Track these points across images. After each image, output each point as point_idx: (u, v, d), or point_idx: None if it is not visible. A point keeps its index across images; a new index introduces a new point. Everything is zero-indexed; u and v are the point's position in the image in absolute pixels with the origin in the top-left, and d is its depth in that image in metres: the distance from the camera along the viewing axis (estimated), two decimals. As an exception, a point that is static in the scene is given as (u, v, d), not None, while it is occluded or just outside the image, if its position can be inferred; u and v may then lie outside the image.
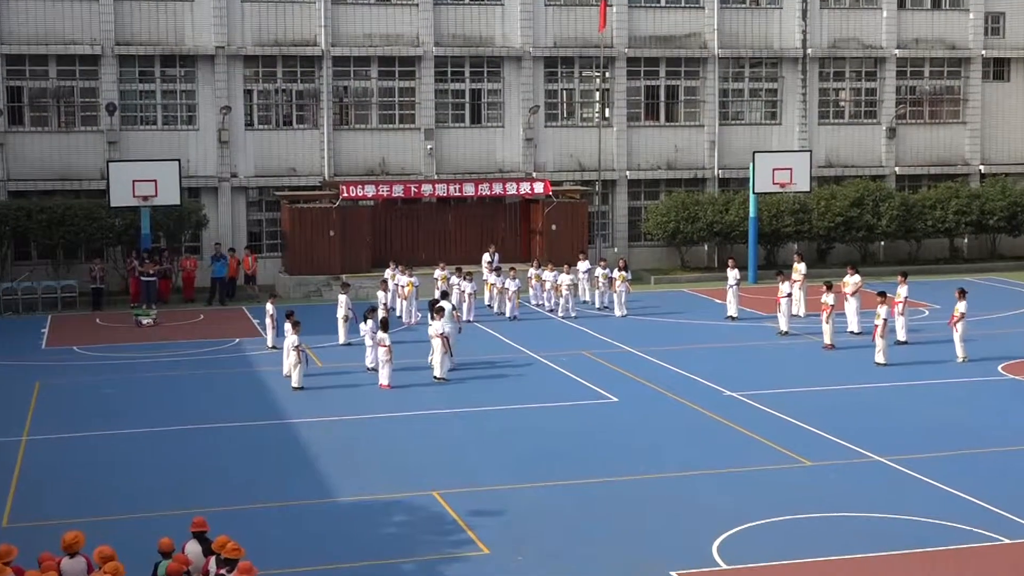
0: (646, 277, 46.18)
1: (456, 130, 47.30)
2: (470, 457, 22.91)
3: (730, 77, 49.57)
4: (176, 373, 30.72)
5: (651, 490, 20.74)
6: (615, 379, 29.39)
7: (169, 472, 22.10)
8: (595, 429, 24.90)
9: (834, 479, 21.32)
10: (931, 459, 22.36)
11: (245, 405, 27.18)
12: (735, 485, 20.94)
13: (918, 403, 26.95)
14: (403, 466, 22.33)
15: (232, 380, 29.88)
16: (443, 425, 25.38)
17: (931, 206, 48.44)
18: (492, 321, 37.60)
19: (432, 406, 26.92)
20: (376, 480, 21.43)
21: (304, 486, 21.16)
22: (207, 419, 25.91)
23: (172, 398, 27.99)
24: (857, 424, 24.86)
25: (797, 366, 30.92)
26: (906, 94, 51.43)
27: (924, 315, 37.58)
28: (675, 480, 21.31)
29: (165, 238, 43.57)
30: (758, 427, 24.69)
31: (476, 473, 21.81)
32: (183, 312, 40.17)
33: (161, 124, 45.05)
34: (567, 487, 20.94)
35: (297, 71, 45.96)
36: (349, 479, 21.51)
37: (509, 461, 22.59)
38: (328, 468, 22.19)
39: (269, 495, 20.65)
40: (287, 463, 22.66)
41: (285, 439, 24.31)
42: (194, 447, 23.83)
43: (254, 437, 24.58)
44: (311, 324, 33.40)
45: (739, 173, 48.75)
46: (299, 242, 43.14)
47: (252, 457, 23.11)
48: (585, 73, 48.70)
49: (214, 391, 28.70)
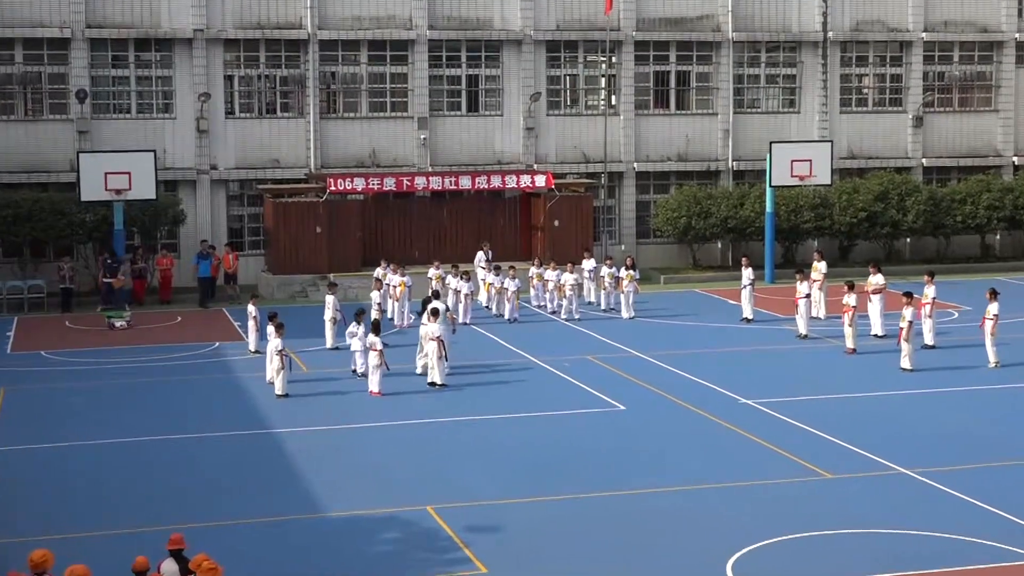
0: (655, 276, 46.20)
1: (452, 119, 47.32)
2: (466, 469, 22.91)
3: (745, 62, 49.58)
4: (151, 380, 30.71)
5: (660, 505, 20.74)
6: (622, 386, 29.39)
7: (144, 486, 22.09)
8: (600, 439, 24.91)
9: (857, 493, 21.32)
10: (962, 471, 22.36)
11: (225, 414, 27.18)
12: (750, 499, 20.95)
13: (947, 412, 26.95)
14: (395, 479, 22.33)
15: (211, 387, 29.87)
16: (437, 435, 25.38)
17: (961, 200, 48.47)
18: (490, 323, 37.61)
19: (425, 415, 26.92)
20: (366, 494, 21.43)
21: (289, 500, 21.16)
22: (185, 429, 25.91)
23: (147, 406, 27.98)
24: (881, 434, 24.87)
25: (817, 372, 30.93)
26: (934, 80, 51.45)
27: (953, 317, 37.60)
28: (686, 494, 21.31)
29: (139, 235, 43.59)
30: (775, 437, 24.70)
31: (473, 487, 21.81)
32: (159, 314, 40.17)
33: (135, 112, 45.05)
34: (570, 501, 20.95)
35: (281, 56, 45.97)
36: (337, 493, 21.50)
37: (508, 474, 22.59)
38: (314, 481, 22.18)
39: (251, 510, 20.65)
40: (270, 476, 22.65)
41: (268, 450, 24.30)
42: (171, 459, 23.82)
43: (235, 448, 24.58)
44: (296, 327, 33.39)
45: (755, 165, 48.77)
46: (283, 239, 43.15)
47: (233, 469, 23.11)
48: (590, 58, 48.72)
49: (192, 399, 28.69)
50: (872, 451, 23.59)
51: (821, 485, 21.81)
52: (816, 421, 25.80)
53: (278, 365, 28.41)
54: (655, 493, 21.33)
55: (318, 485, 21.93)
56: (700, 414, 26.73)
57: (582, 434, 25.29)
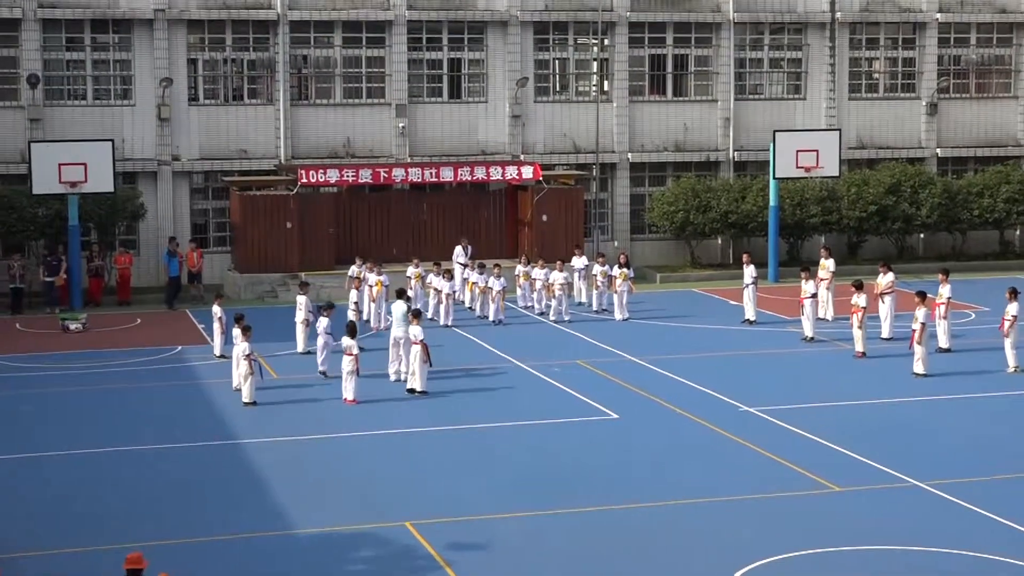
0: (651, 275, 46.23)
1: (432, 106, 47.29)
2: (448, 482, 22.90)
3: (747, 45, 49.63)
4: (108, 386, 30.63)
5: (657, 520, 20.75)
6: (615, 392, 29.40)
7: (101, 501, 22.04)
8: (592, 450, 24.92)
9: (867, 507, 21.36)
10: (978, 484, 22.40)
11: (189, 423, 27.12)
12: (754, 514, 20.96)
13: (963, 420, 27.01)
14: (371, 493, 22.32)
15: (174, 394, 29.82)
16: (417, 446, 25.37)
17: (978, 193, 48.57)
18: (474, 325, 37.60)
19: (404, 424, 26.89)
20: (340, 509, 21.42)
21: (257, 516, 21.12)
22: (144, 440, 25.84)
23: (104, 415, 27.91)
24: (893, 444, 24.91)
25: (824, 377, 30.98)
26: (949, 64, 51.55)
27: (970, 319, 37.68)
28: (685, 508, 21.32)
29: (96, 230, 43.47)
30: (779, 447, 24.72)
31: (455, 501, 21.81)
32: (117, 316, 40.08)
33: (91, 99, 44.94)
34: (560, 516, 20.94)
35: (249, 38, 45.89)
36: (309, 508, 21.48)
37: (493, 487, 22.58)
38: (285, 495, 22.15)
39: (216, 527, 20.61)
40: (237, 490, 22.61)
41: (235, 462, 24.26)
42: (130, 472, 23.76)
43: (199, 460, 24.53)
44: (265, 329, 33.34)
45: (758, 155, 48.82)
46: (251, 235, 43.08)
47: (197, 483, 23.06)
48: (581, 40, 48.73)
49: (153, 407, 28.62)
50: (883, 462, 23.62)
51: (829, 499, 21.84)
52: (823, 430, 25.82)
53: (245, 370, 28.36)
54: (651, 508, 21.34)
55: (288, 500, 21.90)
56: (699, 423, 26.74)
57: (573, 444, 25.28)
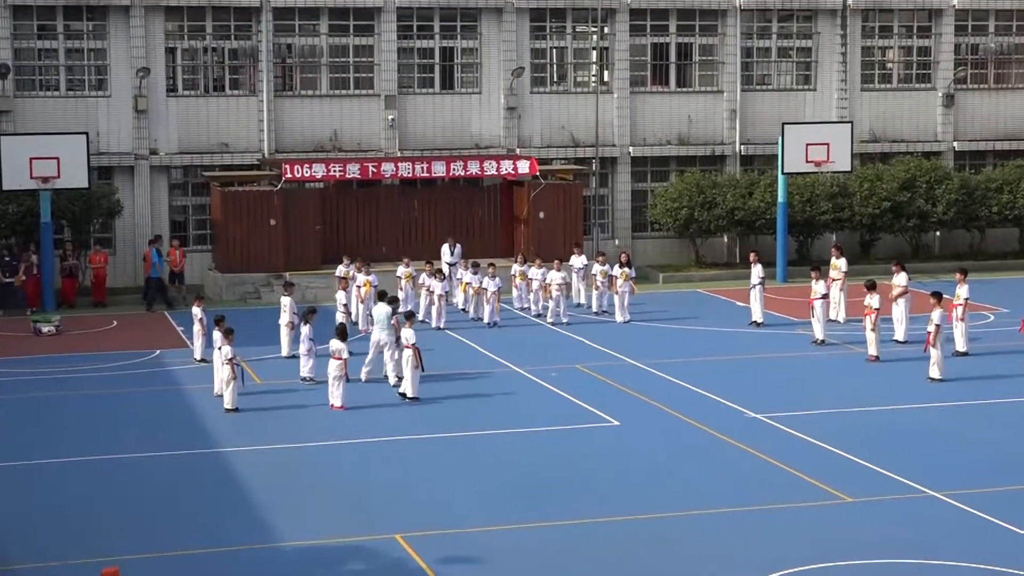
0: (653, 275, 46.31)
1: (423, 97, 47.34)
2: (440, 493, 22.94)
3: (755, 33, 49.72)
4: (83, 392, 30.66)
5: (659, 532, 20.80)
6: (616, 398, 29.47)
7: (76, 513, 22.05)
8: (592, 459, 24.97)
9: (881, 519, 21.42)
10: (998, 494, 22.46)
11: (168, 431, 27.16)
12: (761, 526, 21.02)
13: (981, 427, 27.08)
14: (360, 504, 22.36)
15: (153, 400, 29.85)
16: (407, 454, 25.42)
17: (997, 189, 48.68)
18: (467, 328, 37.66)
19: (394, 431, 26.95)
20: (327, 521, 21.45)
21: (240, 528, 21.16)
22: (122, 448, 25.87)
23: (78, 422, 27.93)
24: (907, 452, 24.98)
25: (835, 382, 31.05)
26: (967, 54, 51.66)
27: (988, 320, 37.76)
28: (688, 520, 21.38)
29: (70, 228, 43.48)
30: (788, 456, 24.79)
31: (447, 512, 21.85)
32: (92, 318, 40.09)
33: (65, 90, 44.96)
34: (558, 528, 20.99)
35: (230, 25, 45.93)
36: (295, 519, 21.52)
37: (487, 497, 22.63)
38: (270, 506, 22.19)
39: (197, 539, 20.64)
40: (218, 501, 22.65)
41: (217, 471, 24.30)
42: (107, 482, 23.78)
43: (179, 470, 24.55)
44: (248, 332, 33.37)
45: (765, 149, 48.91)
46: (233, 233, 43.11)
47: (177, 494, 23.09)
48: (580, 28, 48.80)
49: (131, 414, 28.65)
50: (897, 471, 23.68)
51: (840, 510, 21.89)
52: (834, 437, 25.88)
53: (227, 375, 28.42)
54: (653, 519, 21.38)
55: (273, 511, 21.93)
56: (704, 430, 26.81)
57: (571, 453, 25.33)
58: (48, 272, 40.99)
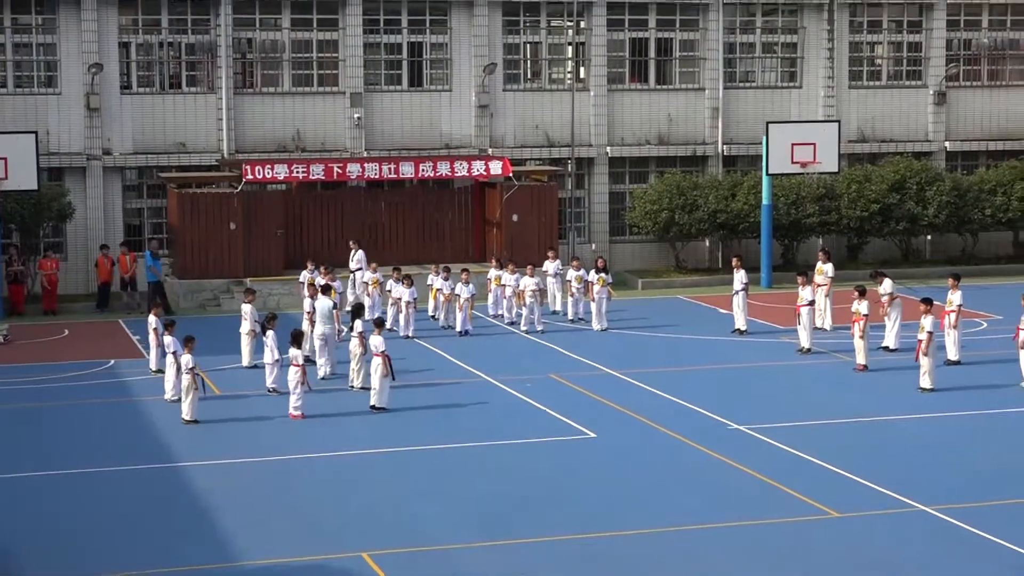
0: (632, 280, 46.42)
1: (391, 94, 47.39)
2: (409, 509, 22.96)
3: (738, 27, 49.90)
4: (33, 404, 30.60)
5: (639, 549, 20.86)
6: (592, 409, 29.53)
7: (25, 531, 22.00)
8: (568, 473, 25.02)
9: (869, 534, 21.51)
10: (989, 509, 22.58)
11: (122, 444, 27.13)
12: (744, 543, 21.10)
13: (973, 439, 27.22)
14: (324, 520, 22.36)
15: (106, 412, 29.82)
16: (375, 468, 25.44)
17: (990, 190, 48.92)
18: (438, 336, 37.69)
19: (361, 444, 26.97)
20: (290, 538, 21.45)
21: (199, 547, 21.14)
22: (73, 463, 25.82)
23: (28, 436, 27.89)
24: (897, 465, 25.10)
25: (822, 392, 31.17)
26: (959, 50, 51.94)
27: (981, 328, 37.94)
28: (669, 536, 21.44)
29: (19, 232, 43.39)
30: (773, 469, 24.88)
31: (417, 529, 21.87)
32: (42, 326, 40.01)
33: (12, 86, 44.88)
34: (532, 546, 21.03)
35: (187, 19, 45.91)
36: (256, 537, 21.51)
37: (457, 514, 22.66)
38: (230, 523, 22.18)
39: (154, 559, 20.62)
40: (178, 518, 22.63)
41: (175, 486, 24.27)
42: (58, 499, 23.74)
43: (134, 485, 24.52)
44: (207, 341, 33.33)
45: (749, 149, 49.09)
46: (191, 237, 43.07)
47: (132, 511, 23.06)
48: (554, 22, 48.90)
49: (82, 427, 28.60)
50: (886, 485, 23.78)
51: (827, 525, 21.98)
52: (821, 450, 25.98)
53: (187, 384, 28.44)
54: (632, 536, 21.44)
55: (234, 528, 21.93)
56: (684, 442, 26.88)
57: (546, 467, 25.38)
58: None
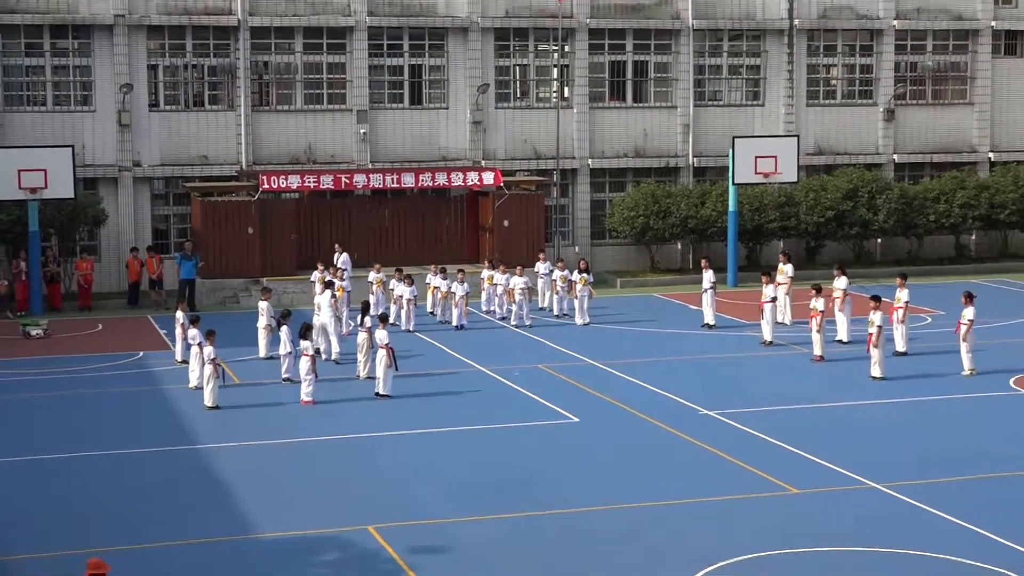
0: (611, 280, 46.40)
1: (393, 112, 47.34)
2: (410, 486, 22.96)
3: (707, 52, 49.89)
4: (70, 392, 30.55)
5: (617, 523, 20.87)
6: (576, 396, 29.53)
7: (62, 506, 21.98)
8: (553, 454, 25.02)
9: (825, 509, 21.53)
10: (934, 486, 22.62)
11: (150, 428, 27.10)
12: (712, 517, 21.11)
13: (919, 422, 27.25)
14: (334, 497, 22.35)
15: (135, 399, 29.77)
16: (379, 450, 25.43)
17: (934, 198, 48.95)
18: (436, 330, 37.67)
19: (367, 428, 26.95)
20: (302, 513, 21.44)
21: (219, 521, 21.13)
22: (106, 445, 25.80)
23: (65, 421, 27.84)
24: (850, 446, 25.11)
25: (783, 381, 31.18)
26: (906, 71, 51.95)
27: (926, 322, 37.98)
28: (644, 511, 21.45)
29: (57, 236, 43.32)
30: (738, 450, 24.89)
31: (417, 504, 21.87)
32: (78, 322, 39.96)
33: (51, 104, 44.79)
34: (521, 520, 21.04)
35: (209, 44, 45.82)
36: (271, 512, 21.50)
37: (455, 490, 22.66)
38: (247, 499, 22.17)
39: (178, 532, 20.60)
40: (200, 494, 22.61)
41: (197, 467, 24.25)
42: (91, 477, 23.72)
43: (161, 465, 24.50)
44: (227, 335, 33.29)
45: (717, 161, 49.08)
46: (212, 241, 43.02)
47: (159, 488, 23.03)
48: (541, 47, 48.87)
49: (115, 412, 28.58)
50: (841, 465, 23.81)
51: (787, 501, 22.00)
52: (782, 433, 26.00)
53: (210, 374, 28.44)
54: (612, 510, 21.45)
55: (250, 504, 21.91)
56: (659, 426, 26.88)
57: (534, 448, 25.39)
58: (36, 278, 40.84)
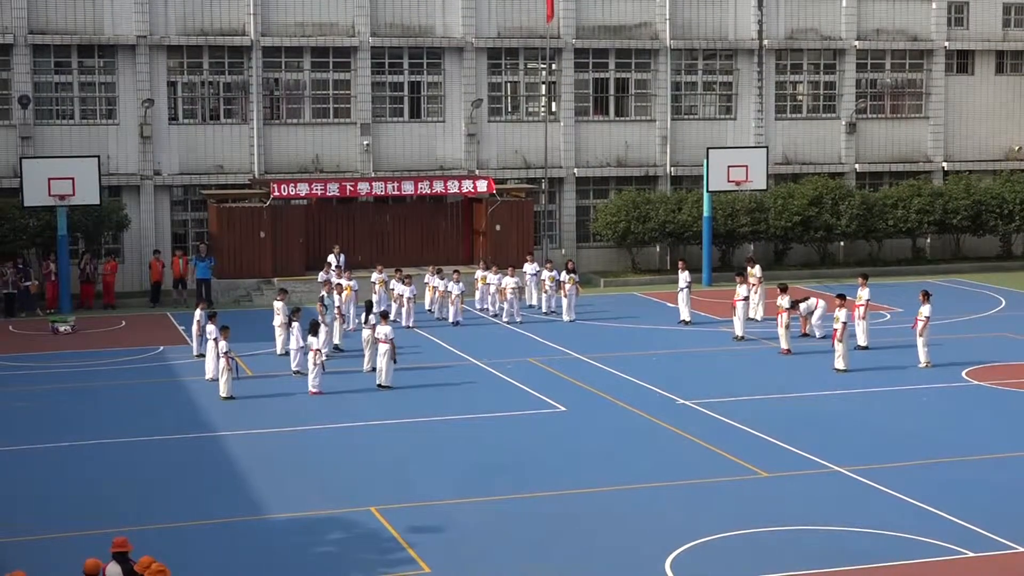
0: (595, 280, 46.35)
1: (394, 125, 47.26)
2: (409, 470, 22.92)
3: (683, 69, 49.85)
4: (95, 384, 30.48)
5: (601, 504, 20.85)
6: (563, 387, 29.49)
7: (88, 489, 21.94)
8: (542, 440, 24.98)
9: (792, 491, 21.52)
10: (893, 469, 22.62)
11: (170, 417, 27.04)
12: (688, 498, 21.10)
13: (879, 411, 27.24)
14: (339, 480, 22.32)
15: (155, 390, 29.70)
16: (381, 436, 25.39)
17: (892, 205, 48.96)
18: (433, 326, 37.61)
19: (369, 416, 26.90)
20: (310, 495, 21.41)
21: (233, 502, 21.09)
22: (128, 432, 25.74)
23: (91, 410, 27.78)
24: (816, 433, 25.10)
25: (753, 373, 31.16)
26: (866, 87, 51.95)
27: (886, 319, 37.98)
28: (626, 493, 21.42)
29: (84, 240, 43.22)
30: (712, 437, 24.87)
31: (416, 487, 21.84)
32: (103, 319, 39.86)
33: (78, 118, 44.67)
34: (512, 501, 21.01)
35: (224, 62, 45.72)
36: (281, 494, 21.46)
37: (451, 474, 22.62)
38: (258, 483, 22.12)
39: (195, 512, 20.56)
40: (215, 478, 22.56)
41: (212, 452, 24.21)
42: (115, 462, 23.67)
43: (179, 451, 24.46)
44: (240, 331, 33.25)
45: (692, 170, 49.04)
46: (227, 244, 42.93)
47: (177, 472, 22.99)
48: (530, 65, 48.81)
49: (136, 402, 28.50)
50: (807, 450, 23.81)
51: (757, 483, 21.99)
52: (752, 421, 25.99)
53: (224, 366, 28.40)
54: (596, 493, 21.43)
55: (263, 487, 21.88)
56: (640, 415, 26.86)
57: (524, 435, 25.36)
58: (64, 278, 40.74)
